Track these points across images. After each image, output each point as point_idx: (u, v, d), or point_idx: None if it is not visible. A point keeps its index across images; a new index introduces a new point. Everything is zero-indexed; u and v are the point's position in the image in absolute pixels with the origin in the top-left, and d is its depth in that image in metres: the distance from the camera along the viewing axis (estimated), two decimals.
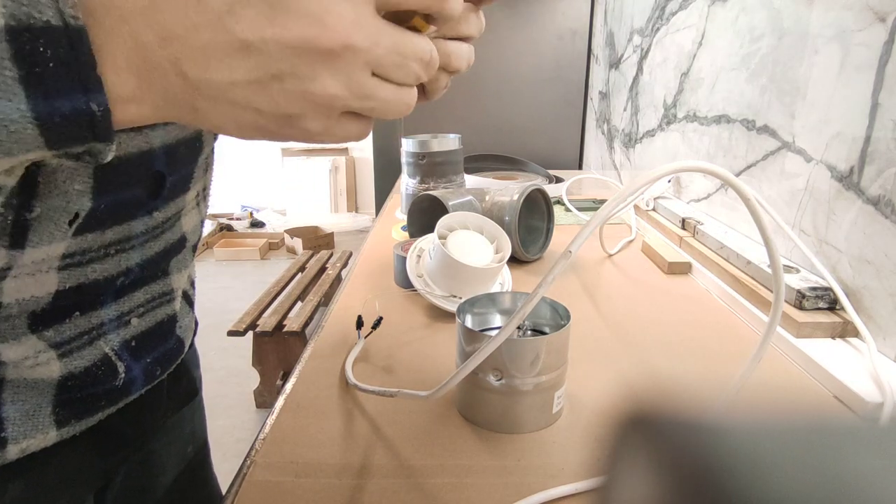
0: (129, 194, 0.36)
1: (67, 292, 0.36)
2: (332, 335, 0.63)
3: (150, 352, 0.44)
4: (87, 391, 0.39)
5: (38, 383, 0.36)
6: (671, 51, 1.14)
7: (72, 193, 0.32)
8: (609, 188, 1.52)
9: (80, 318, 0.38)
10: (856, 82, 0.59)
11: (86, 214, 0.34)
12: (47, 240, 0.33)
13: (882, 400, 0.48)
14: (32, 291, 0.34)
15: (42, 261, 0.33)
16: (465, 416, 0.48)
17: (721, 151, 0.92)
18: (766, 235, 0.35)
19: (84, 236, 0.35)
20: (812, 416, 0.10)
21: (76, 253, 0.35)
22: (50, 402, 0.37)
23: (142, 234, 0.39)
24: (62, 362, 0.37)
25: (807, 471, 0.08)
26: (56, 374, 0.37)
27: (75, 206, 0.33)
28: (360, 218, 4.84)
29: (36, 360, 0.36)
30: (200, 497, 0.59)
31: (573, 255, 0.35)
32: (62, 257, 0.34)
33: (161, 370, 0.46)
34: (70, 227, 0.33)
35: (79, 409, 0.39)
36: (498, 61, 1.94)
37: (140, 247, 0.40)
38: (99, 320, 0.39)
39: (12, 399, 0.35)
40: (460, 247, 0.68)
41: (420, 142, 1.06)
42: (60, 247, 0.34)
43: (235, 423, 2.06)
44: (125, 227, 0.38)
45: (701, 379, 0.55)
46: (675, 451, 0.09)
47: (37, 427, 0.36)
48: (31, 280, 0.33)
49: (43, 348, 0.36)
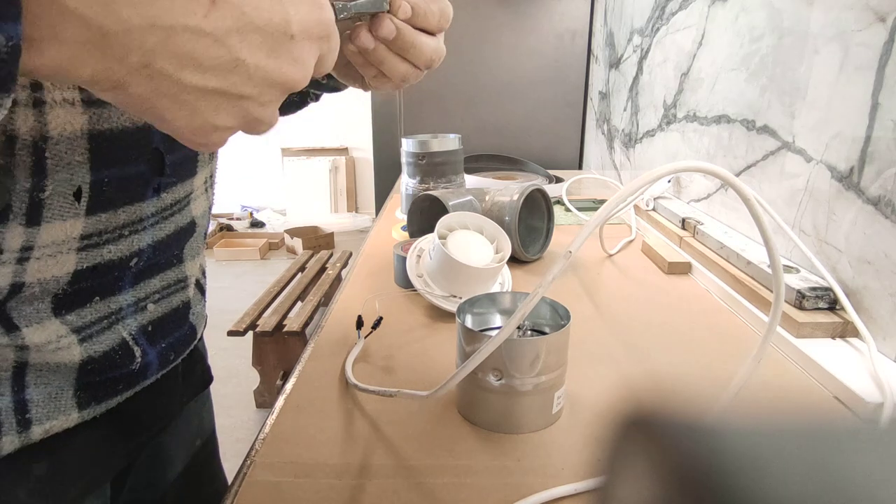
0: (132, 170, 0.37)
1: (85, 272, 0.37)
2: (332, 335, 0.63)
3: (165, 337, 0.46)
4: (107, 375, 0.40)
5: (60, 367, 0.38)
6: (671, 51, 1.14)
7: (73, 165, 0.33)
8: (609, 188, 1.52)
9: (99, 303, 0.39)
10: (856, 82, 0.59)
11: (92, 191, 0.35)
12: (59, 215, 0.34)
13: (882, 400, 0.48)
14: (53, 272, 0.35)
15: (63, 241, 0.35)
16: (465, 416, 0.48)
17: (721, 151, 0.92)
18: (766, 235, 0.35)
19: (98, 217, 0.36)
20: (812, 416, 0.10)
21: (93, 234, 0.36)
22: (72, 384, 0.39)
23: (152, 215, 0.40)
24: (82, 347, 0.38)
25: (807, 471, 0.08)
26: (77, 358, 0.38)
27: (77, 179, 0.34)
28: (360, 218, 4.84)
29: (58, 344, 0.37)
30: (208, 492, 0.59)
31: (573, 255, 0.35)
32: (80, 238, 0.36)
33: (175, 355, 0.47)
34: (78, 203, 0.34)
35: (99, 392, 0.40)
36: (498, 61, 1.94)
37: (151, 228, 0.41)
38: (117, 305, 0.41)
39: (35, 382, 0.37)
40: (460, 247, 0.68)
41: (420, 142, 1.06)
42: (77, 226, 0.35)
43: (235, 423, 2.06)
44: (136, 207, 0.39)
45: (701, 379, 0.55)
46: (675, 452, 0.09)
47: (59, 409, 0.38)
48: (52, 261, 0.35)
49: (65, 333, 0.37)
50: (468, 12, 1.88)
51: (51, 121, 0.31)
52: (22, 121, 0.30)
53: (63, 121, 0.32)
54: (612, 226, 1.10)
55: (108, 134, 0.35)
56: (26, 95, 0.30)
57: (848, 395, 0.50)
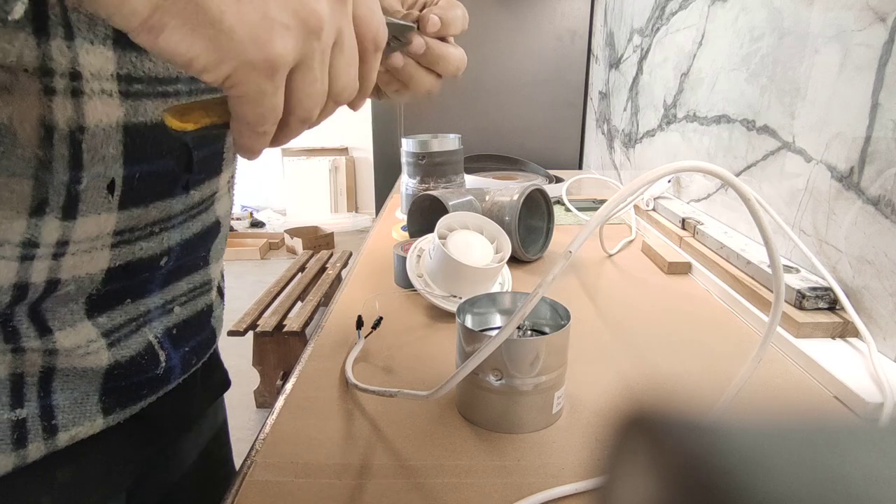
0: (162, 165, 0.37)
1: (117, 270, 0.37)
2: (332, 335, 0.63)
3: (188, 340, 0.46)
4: (132, 380, 0.40)
5: (86, 372, 0.37)
6: (671, 51, 1.14)
7: (108, 159, 0.33)
8: (609, 188, 1.52)
9: (129, 306, 0.39)
10: (856, 82, 0.59)
11: (124, 185, 0.35)
12: (94, 209, 0.34)
13: (882, 400, 0.48)
14: (88, 269, 0.35)
15: (97, 237, 0.35)
16: (465, 416, 0.48)
17: (721, 151, 0.92)
18: (766, 235, 0.35)
19: (130, 211, 0.36)
20: (812, 416, 0.10)
21: (125, 230, 0.36)
22: (97, 390, 0.38)
23: (181, 212, 0.41)
24: (111, 351, 0.38)
25: (807, 471, 0.08)
26: (104, 363, 0.38)
27: (111, 172, 0.34)
28: (360, 218, 4.84)
29: (87, 349, 0.37)
30: (219, 476, 0.59)
31: (573, 255, 0.35)
32: (114, 234, 0.36)
33: (196, 359, 0.47)
34: (112, 197, 0.34)
35: (123, 397, 0.40)
36: (498, 61, 1.94)
37: (180, 226, 0.41)
38: (146, 308, 0.41)
39: (62, 388, 0.36)
40: (460, 247, 0.68)
41: (420, 142, 1.06)
42: (111, 221, 0.35)
43: (235, 423, 2.04)
44: (166, 203, 0.39)
45: (701, 379, 0.55)
46: (676, 452, 0.09)
47: (85, 415, 0.38)
48: (87, 257, 0.35)
49: (95, 337, 0.37)
50: (468, 12, 1.87)
51: (88, 112, 0.31)
52: (60, 111, 0.30)
53: (100, 112, 0.32)
54: (612, 226, 1.10)
55: (143, 127, 0.34)
56: (65, 84, 0.30)
57: (848, 395, 0.50)
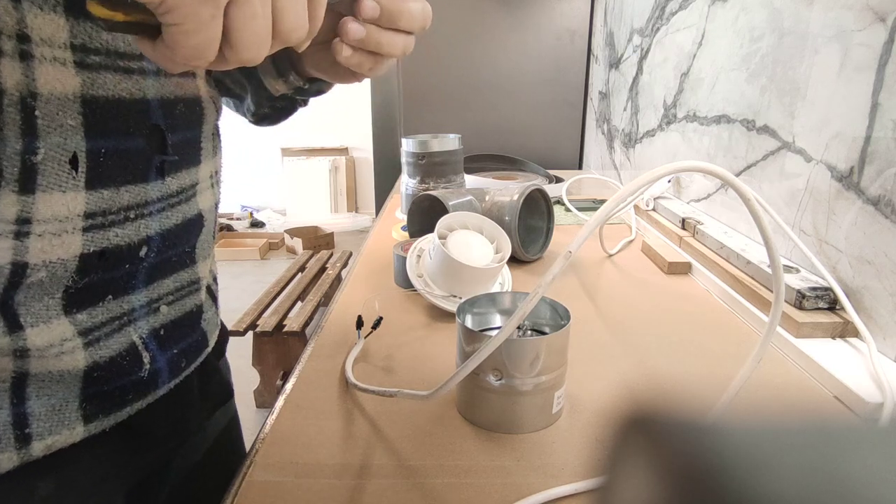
0: (131, 144, 0.37)
1: (92, 258, 0.36)
2: (332, 335, 0.63)
3: (176, 342, 0.45)
4: (114, 383, 0.39)
5: (64, 375, 0.36)
6: (671, 51, 1.14)
7: (66, 128, 0.33)
8: (609, 188, 1.52)
9: (112, 303, 0.38)
10: (856, 82, 0.59)
11: (90, 160, 0.34)
12: (56, 185, 0.33)
13: (882, 400, 0.48)
14: (59, 253, 0.34)
15: (66, 218, 0.34)
16: (465, 416, 0.48)
17: (721, 151, 0.92)
18: (766, 235, 0.35)
19: (100, 193, 0.35)
20: (812, 416, 0.10)
21: (97, 213, 0.35)
22: (77, 395, 0.37)
23: (157, 200, 0.40)
24: (87, 351, 0.37)
25: (807, 471, 0.08)
26: (81, 364, 0.37)
27: (72, 145, 0.33)
28: (360, 218, 4.84)
29: (61, 348, 0.35)
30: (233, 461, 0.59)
31: (573, 255, 0.35)
32: (84, 216, 0.35)
33: (186, 362, 0.46)
34: (77, 173, 0.34)
35: (107, 402, 0.39)
36: (498, 61, 1.94)
37: (158, 214, 0.40)
38: (130, 306, 0.40)
39: (37, 394, 0.35)
40: (460, 247, 0.68)
41: (420, 142, 1.06)
42: (79, 201, 0.34)
43: None
44: (139, 188, 0.38)
45: (701, 379, 0.55)
46: (675, 452, 0.09)
47: (63, 423, 0.36)
48: (57, 241, 0.33)
49: (70, 335, 0.36)
50: (468, 12, 1.88)
51: (39, 77, 0.31)
52: (8, 73, 0.29)
53: (52, 78, 0.31)
54: (612, 226, 1.10)
55: (103, 101, 0.34)
56: (12, 46, 0.29)
57: (848, 395, 0.50)
